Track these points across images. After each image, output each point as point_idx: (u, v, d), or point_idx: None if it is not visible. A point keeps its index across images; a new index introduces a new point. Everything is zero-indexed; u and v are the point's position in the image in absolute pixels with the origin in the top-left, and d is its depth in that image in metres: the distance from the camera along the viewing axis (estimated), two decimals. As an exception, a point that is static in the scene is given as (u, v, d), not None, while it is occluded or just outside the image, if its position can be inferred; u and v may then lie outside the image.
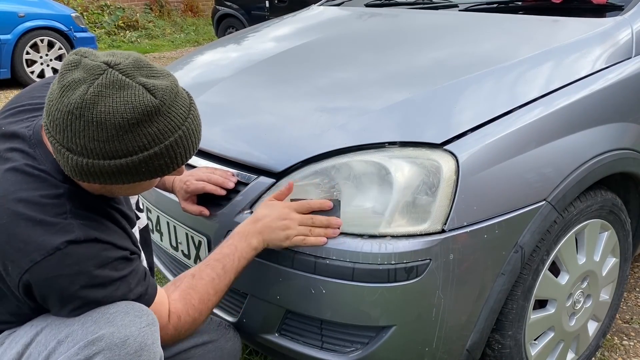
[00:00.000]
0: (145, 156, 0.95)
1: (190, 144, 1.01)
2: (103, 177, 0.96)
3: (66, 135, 0.92)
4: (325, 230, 1.24)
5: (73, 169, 0.95)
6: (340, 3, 2.61)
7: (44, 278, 0.95)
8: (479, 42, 1.75)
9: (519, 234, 1.30)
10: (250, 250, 1.23)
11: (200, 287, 1.18)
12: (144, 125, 0.92)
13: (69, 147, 0.93)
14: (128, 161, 0.94)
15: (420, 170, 1.23)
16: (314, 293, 1.24)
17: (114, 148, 0.92)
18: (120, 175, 0.96)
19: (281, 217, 1.24)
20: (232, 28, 8.61)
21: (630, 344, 1.93)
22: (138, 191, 1.10)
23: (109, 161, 0.93)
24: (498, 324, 1.37)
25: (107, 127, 0.90)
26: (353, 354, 1.28)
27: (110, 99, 0.90)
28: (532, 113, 1.34)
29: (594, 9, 1.80)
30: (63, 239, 0.96)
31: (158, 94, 0.93)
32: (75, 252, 0.96)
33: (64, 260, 0.95)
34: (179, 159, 1.00)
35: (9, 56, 6.15)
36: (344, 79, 1.65)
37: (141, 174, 0.97)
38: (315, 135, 1.37)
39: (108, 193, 1.07)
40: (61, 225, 0.97)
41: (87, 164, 0.93)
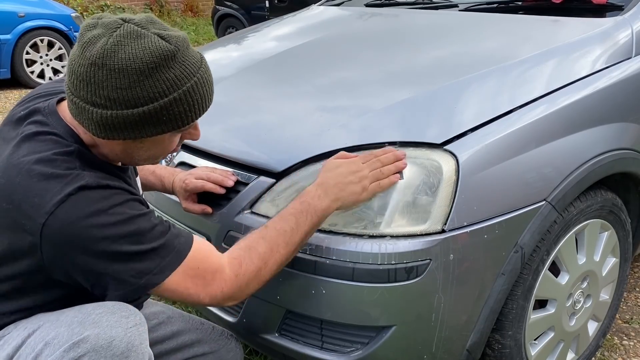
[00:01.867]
0: (166, 102, 0.97)
1: (205, 92, 1.03)
2: (127, 129, 0.98)
3: (90, 89, 0.95)
4: (395, 164, 1.21)
5: (98, 124, 0.97)
6: (340, 3, 2.61)
7: (61, 227, 0.95)
8: (479, 42, 1.75)
9: (519, 234, 1.30)
10: (324, 209, 1.18)
11: (270, 237, 1.14)
12: (162, 70, 0.96)
13: (93, 102, 0.96)
14: (150, 108, 0.97)
15: (421, 170, 1.23)
16: (314, 293, 1.24)
17: (136, 95, 0.95)
18: (143, 125, 0.98)
19: (350, 170, 1.20)
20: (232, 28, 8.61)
21: (630, 344, 1.93)
22: (158, 153, 1.09)
23: (132, 110, 0.96)
24: (498, 324, 1.37)
25: (128, 73, 0.94)
26: (353, 354, 1.28)
27: (129, 47, 0.94)
28: (532, 113, 1.34)
29: (594, 9, 1.80)
30: (74, 185, 0.97)
31: (172, 41, 0.98)
32: (88, 196, 0.97)
33: (77, 205, 0.95)
34: (197, 107, 1.03)
35: (9, 56, 6.15)
36: (344, 78, 1.65)
37: (163, 123, 0.99)
38: (316, 135, 1.37)
39: (129, 158, 1.09)
40: (72, 175, 0.98)
41: (112, 116, 0.96)
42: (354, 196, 1.20)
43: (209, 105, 1.07)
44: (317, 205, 1.17)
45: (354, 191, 1.19)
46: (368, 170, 1.21)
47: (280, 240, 1.14)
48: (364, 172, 1.20)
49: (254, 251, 1.12)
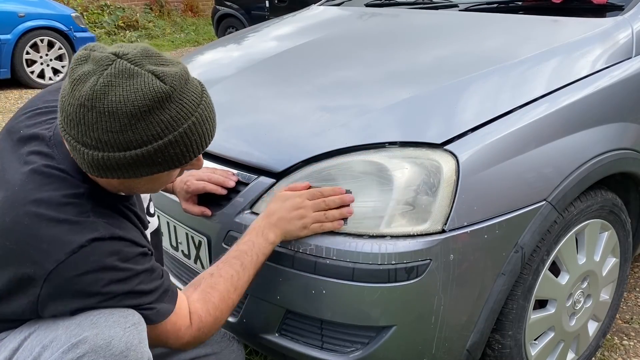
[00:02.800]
0: (160, 145, 0.94)
1: (205, 130, 0.99)
2: (120, 170, 0.95)
3: (80, 130, 0.92)
4: (340, 211, 1.23)
5: (90, 164, 0.95)
6: (340, 3, 2.61)
7: (69, 277, 0.94)
8: (479, 42, 1.75)
9: (519, 234, 1.30)
10: (267, 245, 1.22)
11: (220, 285, 1.17)
12: (156, 112, 0.92)
13: (83, 142, 0.93)
14: (143, 151, 0.93)
15: (421, 170, 1.23)
16: (314, 293, 1.24)
17: (128, 138, 0.91)
18: (137, 167, 0.95)
19: (295, 206, 1.23)
20: (232, 28, 8.61)
21: (630, 344, 1.93)
22: (157, 186, 1.07)
23: (124, 152, 0.93)
24: (498, 324, 1.37)
25: (119, 116, 0.90)
26: (353, 354, 1.28)
27: (120, 88, 0.90)
28: (533, 113, 1.34)
29: (594, 9, 1.80)
30: (87, 236, 0.95)
31: (167, 80, 0.93)
32: (100, 249, 0.96)
33: (88, 257, 0.95)
34: (195, 147, 0.99)
35: (9, 56, 6.15)
36: (344, 78, 1.65)
37: (158, 164, 0.96)
38: (316, 135, 1.37)
39: (127, 190, 1.07)
40: (85, 223, 0.97)
41: (103, 158, 0.93)
42: (295, 232, 1.24)
43: (211, 140, 1.03)
44: (260, 242, 1.22)
45: (296, 226, 1.23)
46: (312, 210, 1.23)
47: (229, 285, 1.18)
48: (308, 211, 1.23)
49: (210, 303, 1.15)
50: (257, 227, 1.23)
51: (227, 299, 1.17)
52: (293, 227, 1.23)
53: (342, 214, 1.23)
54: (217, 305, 1.16)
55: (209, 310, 1.15)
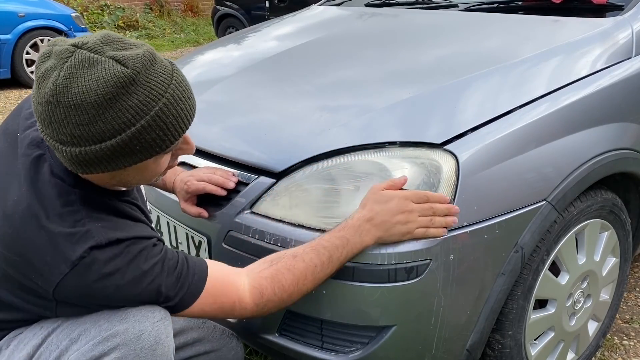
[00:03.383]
0: (134, 132, 0.90)
1: (181, 110, 0.95)
2: (102, 163, 0.93)
3: (53, 128, 0.90)
4: (446, 219, 1.17)
5: (71, 161, 0.93)
6: (340, 3, 2.61)
7: (76, 286, 0.96)
8: (479, 42, 1.75)
9: (519, 234, 1.30)
10: (361, 247, 1.17)
11: (298, 269, 1.13)
12: (123, 98, 0.88)
13: (60, 140, 0.91)
14: (118, 141, 0.90)
15: (421, 170, 1.23)
16: (314, 293, 1.24)
17: (100, 129, 0.88)
18: (117, 158, 0.92)
19: (400, 209, 1.15)
20: (232, 28, 8.61)
21: (630, 344, 1.93)
22: (148, 175, 1.04)
23: (100, 145, 0.90)
24: (498, 324, 1.37)
25: (85, 108, 0.87)
26: (353, 354, 1.28)
27: (82, 79, 0.87)
28: (533, 113, 1.34)
29: (594, 9, 1.80)
30: (85, 246, 0.95)
31: (129, 64, 0.89)
32: (100, 256, 0.96)
33: (91, 267, 0.96)
34: (173, 130, 0.95)
35: (9, 56, 6.15)
36: (344, 78, 1.65)
37: (138, 152, 0.93)
38: (316, 135, 1.37)
39: (121, 183, 1.05)
40: (80, 233, 0.96)
41: (82, 153, 0.91)
42: (398, 236, 1.17)
43: (190, 121, 0.98)
44: (356, 243, 1.16)
45: (400, 232, 1.16)
46: (418, 214, 1.16)
47: (308, 273, 1.13)
48: (414, 215, 1.16)
49: (278, 284, 1.12)
50: (356, 225, 1.16)
51: (300, 285, 1.13)
52: (395, 232, 1.16)
53: (447, 223, 1.17)
54: (286, 288, 1.12)
55: (274, 290, 1.12)
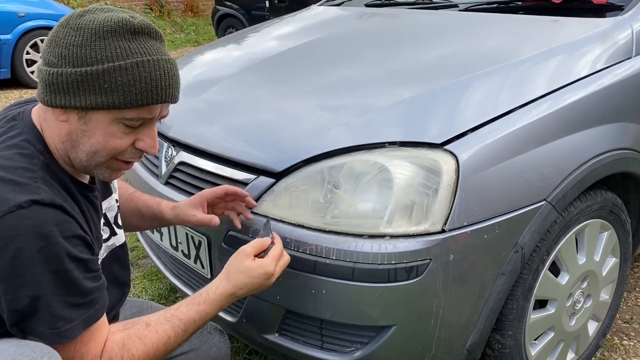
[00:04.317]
0: (110, 67, 0.94)
1: (158, 80, 0.98)
2: (69, 91, 0.95)
3: (49, 48, 0.97)
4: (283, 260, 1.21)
5: (46, 84, 0.96)
6: (340, 3, 2.61)
7: (1, 236, 0.90)
8: (479, 42, 1.75)
9: (519, 234, 1.30)
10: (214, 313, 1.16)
11: (150, 340, 1.07)
12: (116, 37, 0.96)
13: (48, 61, 0.97)
14: (93, 69, 0.94)
15: (421, 170, 1.23)
16: (314, 293, 1.24)
17: (84, 53, 0.94)
18: (85, 89, 0.95)
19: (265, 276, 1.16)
20: (232, 28, 8.61)
21: (630, 344, 1.93)
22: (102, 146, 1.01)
23: (77, 68, 0.94)
24: (498, 324, 1.37)
25: (84, 31, 0.95)
26: (353, 354, 1.28)
27: (96, 14, 0.98)
28: (533, 113, 1.34)
29: (594, 9, 1.80)
30: (27, 197, 0.92)
31: (139, 20, 0.99)
32: (38, 213, 0.92)
33: (24, 219, 0.91)
34: (143, 86, 0.96)
35: (9, 56, 6.14)
36: (344, 78, 1.65)
37: (104, 92, 0.95)
38: (315, 135, 1.37)
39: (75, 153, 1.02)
40: (29, 186, 0.94)
41: (58, 73, 0.95)
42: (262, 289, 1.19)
43: (162, 98, 1.00)
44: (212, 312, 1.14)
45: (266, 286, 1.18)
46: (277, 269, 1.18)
47: (160, 345, 1.08)
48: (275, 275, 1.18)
49: (128, 352, 1.05)
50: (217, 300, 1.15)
51: (151, 356, 1.08)
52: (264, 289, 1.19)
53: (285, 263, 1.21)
54: (135, 356, 1.06)
55: (123, 358, 1.05)
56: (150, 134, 1.05)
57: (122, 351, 1.05)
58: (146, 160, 1.76)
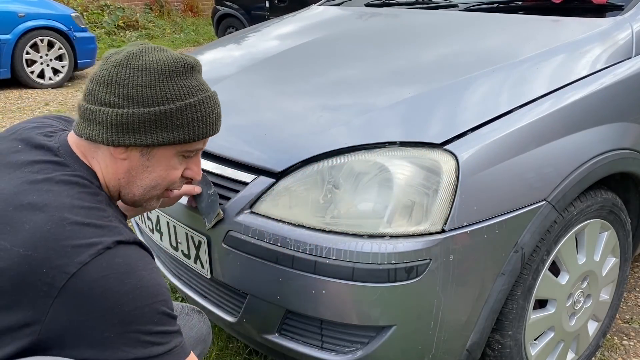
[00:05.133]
0: (181, 105, 1.00)
1: (217, 112, 1.07)
2: (140, 130, 0.98)
3: (110, 89, 0.98)
4: None
5: (111, 124, 0.97)
6: (340, 3, 2.61)
7: (92, 279, 0.87)
8: (479, 42, 1.75)
9: (519, 234, 1.30)
10: None
11: None
12: (182, 76, 1.01)
13: (110, 102, 0.97)
14: (166, 108, 0.99)
15: (420, 170, 1.23)
16: (314, 293, 1.24)
17: (155, 93, 0.98)
18: (156, 127, 0.99)
19: None
20: (232, 28, 8.61)
21: (630, 344, 1.93)
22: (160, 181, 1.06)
23: (149, 108, 0.98)
24: (498, 324, 1.37)
25: (151, 72, 0.98)
26: (353, 354, 1.28)
27: (153, 54, 1.01)
28: (533, 113, 1.34)
29: (594, 9, 1.80)
30: (113, 239, 0.92)
31: (193, 59, 1.05)
32: (125, 252, 0.92)
33: (114, 259, 0.90)
34: (208, 120, 1.05)
35: (9, 56, 6.14)
36: (343, 78, 1.65)
37: (174, 128, 1.00)
38: (315, 135, 1.37)
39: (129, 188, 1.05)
40: (109, 227, 0.94)
41: (127, 114, 0.97)
42: None
43: (216, 129, 1.08)
44: None
45: None
46: None
47: None
48: None
49: None
50: None
51: None
52: None
53: None
54: None
55: None
56: (197, 162, 1.12)
57: None
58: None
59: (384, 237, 1.21)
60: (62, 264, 0.87)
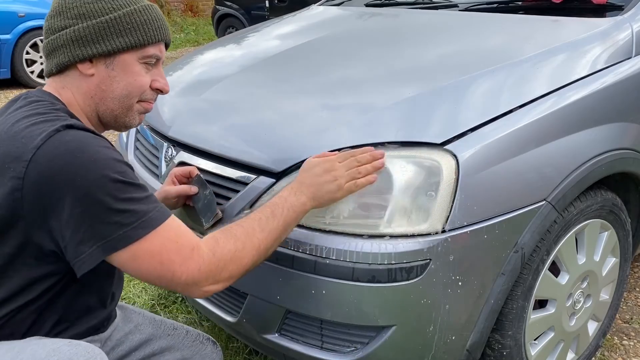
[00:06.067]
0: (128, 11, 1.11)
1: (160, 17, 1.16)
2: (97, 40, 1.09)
3: (62, 15, 1.10)
4: (372, 164, 1.22)
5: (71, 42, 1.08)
6: (340, 3, 2.61)
7: (48, 159, 0.94)
8: (478, 42, 1.75)
9: (519, 234, 1.30)
10: (299, 205, 1.17)
11: (245, 222, 1.12)
12: None
13: (65, 25, 1.09)
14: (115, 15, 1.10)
15: (421, 170, 1.23)
16: (314, 293, 1.24)
17: (101, 7, 1.10)
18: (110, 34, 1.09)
19: (327, 169, 1.20)
20: (232, 28, 8.60)
21: (630, 344, 1.93)
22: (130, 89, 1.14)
23: (98, 19, 1.09)
24: (498, 324, 1.37)
25: None
26: (353, 354, 1.28)
27: None
28: (533, 113, 1.34)
29: (594, 9, 1.80)
30: (62, 123, 0.99)
31: None
32: (75, 133, 0.99)
33: (64, 138, 0.97)
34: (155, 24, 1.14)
35: (8, 56, 6.14)
36: (343, 78, 1.65)
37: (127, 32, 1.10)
38: (315, 135, 1.37)
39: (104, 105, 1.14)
40: (61, 119, 1.02)
41: (82, 28, 1.08)
42: (330, 194, 1.20)
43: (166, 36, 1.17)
44: (292, 200, 1.17)
45: (330, 190, 1.20)
46: (344, 170, 1.21)
47: (255, 225, 1.12)
48: (340, 171, 1.21)
49: (229, 233, 1.09)
50: (291, 187, 1.20)
51: (251, 235, 1.10)
52: (328, 189, 1.19)
53: (375, 167, 1.22)
54: (238, 237, 1.09)
55: (227, 238, 1.08)
56: (161, 74, 1.19)
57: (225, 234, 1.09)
58: (146, 161, 1.76)
59: (384, 237, 1.21)
60: (19, 154, 0.96)
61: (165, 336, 1.37)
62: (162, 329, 1.38)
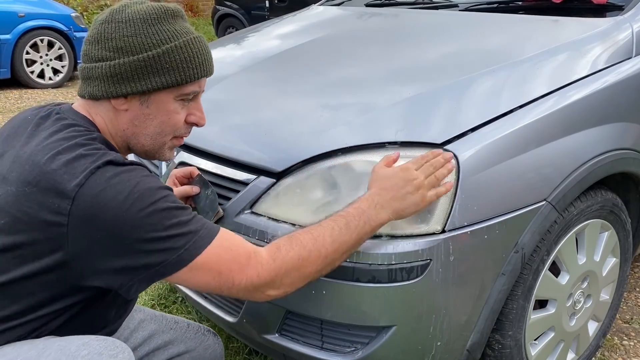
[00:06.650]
0: (168, 48, 1.04)
1: (205, 53, 1.10)
2: (133, 78, 1.03)
3: (100, 45, 1.04)
4: (446, 167, 1.18)
5: (106, 77, 1.03)
6: (340, 3, 2.61)
7: (93, 195, 0.93)
8: (479, 42, 1.75)
9: (519, 234, 1.30)
10: (377, 219, 1.13)
11: (315, 230, 1.09)
12: (164, 22, 1.06)
13: (102, 57, 1.04)
14: (154, 53, 1.03)
15: (421, 170, 1.23)
16: (314, 293, 1.24)
17: (141, 41, 1.03)
18: (148, 73, 1.04)
19: (407, 180, 1.15)
20: (232, 28, 8.61)
21: (630, 344, 1.93)
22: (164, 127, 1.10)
23: (137, 55, 1.03)
24: (498, 324, 1.37)
25: (134, 22, 1.04)
26: (353, 354, 1.28)
27: (135, 7, 1.06)
28: (533, 113, 1.34)
29: (594, 9, 1.80)
30: (102, 160, 0.97)
31: (173, 6, 1.09)
32: (115, 168, 0.97)
33: (105, 174, 0.95)
34: (197, 61, 1.08)
35: (8, 56, 6.15)
36: (343, 78, 1.65)
37: (166, 72, 1.04)
38: (316, 135, 1.37)
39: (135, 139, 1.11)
40: (99, 153, 0.99)
41: (119, 64, 1.03)
42: (414, 207, 1.16)
43: (208, 71, 1.12)
44: (372, 215, 1.13)
45: (414, 202, 1.15)
46: (423, 177, 1.16)
47: (326, 234, 1.08)
48: (420, 180, 1.15)
49: (295, 239, 1.07)
50: (370, 199, 1.14)
51: (319, 244, 1.07)
52: (410, 202, 1.14)
53: (449, 171, 1.18)
54: (304, 244, 1.06)
55: (292, 244, 1.06)
56: (198, 107, 1.15)
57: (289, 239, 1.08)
58: (146, 161, 1.76)
59: (384, 237, 1.21)
60: (62, 189, 0.94)
61: (167, 330, 1.38)
62: (164, 324, 1.40)
